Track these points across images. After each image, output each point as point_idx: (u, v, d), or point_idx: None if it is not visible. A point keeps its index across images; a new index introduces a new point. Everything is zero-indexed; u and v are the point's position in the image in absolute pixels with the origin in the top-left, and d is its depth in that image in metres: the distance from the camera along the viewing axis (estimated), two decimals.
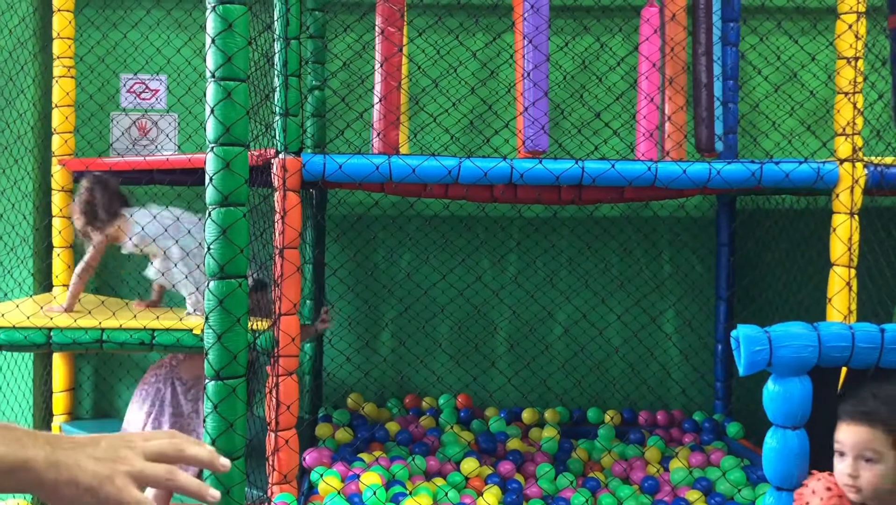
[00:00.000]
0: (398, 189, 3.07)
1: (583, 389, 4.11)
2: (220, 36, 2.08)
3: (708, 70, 3.10)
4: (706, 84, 3.09)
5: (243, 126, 2.10)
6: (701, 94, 3.12)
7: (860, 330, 2.12)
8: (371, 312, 4.11)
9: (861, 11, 2.82)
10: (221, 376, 2.07)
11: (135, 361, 4.09)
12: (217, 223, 2.08)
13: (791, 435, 2.09)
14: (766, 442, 2.13)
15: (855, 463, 1.93)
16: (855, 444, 1.93)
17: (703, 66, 3.11)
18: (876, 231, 3.26)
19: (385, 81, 3.14)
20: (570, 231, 4.12)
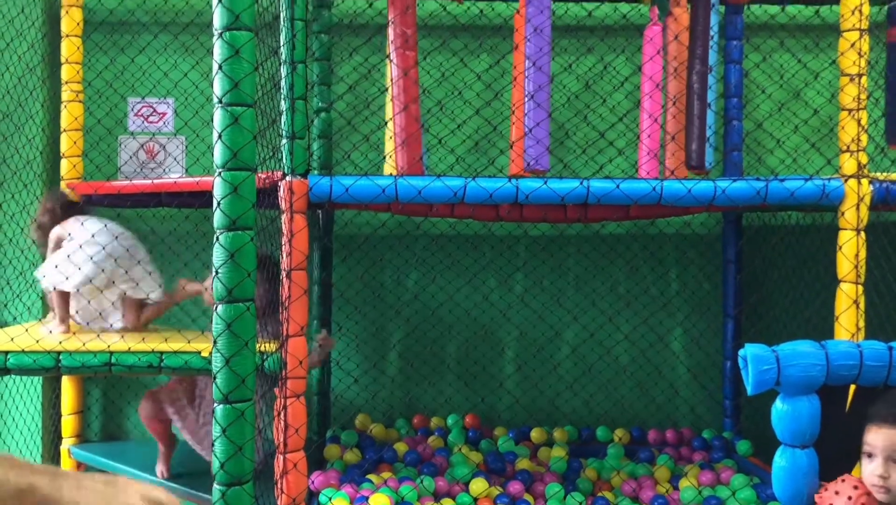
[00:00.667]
0: (404, 209, 3.09)
1: (591, 409, 4.10)
2: (227, 62, 2.10)
3: (701, 89, 3.11)
4: (699, 102, 3.11)
5: (250, 151, 2.12)
6: (693, 112, 3.13)
7: (868, 348, 2.13)
8: (378, 332, 4.12)
9: (864, 28, 2.83)
10: (230, 400, 2.08)
11: (143, 383, 4.10)
12: (225, 247, 2.09)
13: (800, 454, 2.09)
14: (776, 461, 2.13)
15: (886, 464, 1.98)
16: (886, 446, 2.00)
17: (697, 85, 3.12)
18: (883, 247, 3.26)
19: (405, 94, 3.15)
20: (576, 250, 4.12)
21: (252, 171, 2.13)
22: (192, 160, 4.06)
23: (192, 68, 4.05)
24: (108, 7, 4.02)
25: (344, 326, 4.06)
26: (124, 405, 4.14)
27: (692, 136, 3.19)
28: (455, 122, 3.86)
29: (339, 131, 3.93)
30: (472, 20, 4.03)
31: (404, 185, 2.77)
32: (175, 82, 4.05)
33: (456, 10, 4.04)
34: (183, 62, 4.06)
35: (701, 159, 3.18)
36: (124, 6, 4.02)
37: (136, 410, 4.10)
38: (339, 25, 4.02)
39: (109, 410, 4.15)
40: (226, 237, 2.10)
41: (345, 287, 4.06)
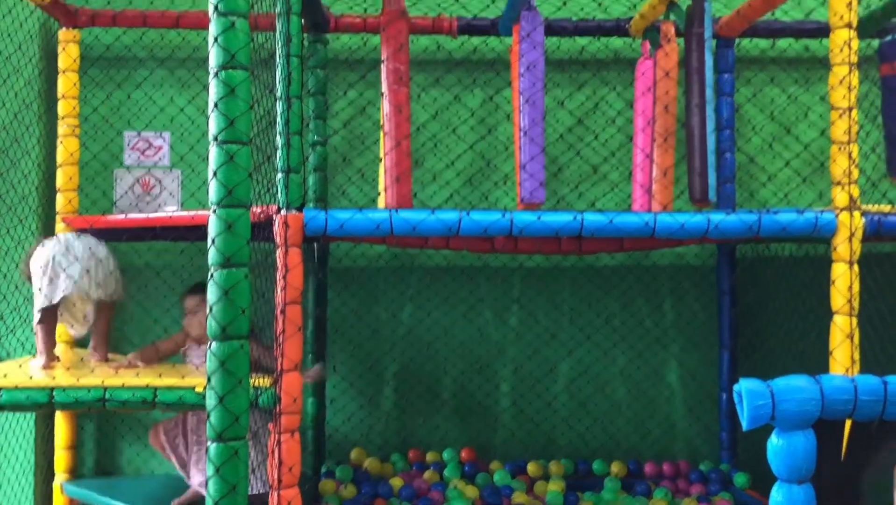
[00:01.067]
0: (399, 242, 3.10)
1: (587, 442, 4.08)
2: (223, 100, 2.11)
3: (700, 122, 3.13)
4: (699, 136, 3.13)
5: (245, 188, 2.13)
6: (694, 145, 3.15)
7: (863, 382, 2.12)
8: (373, 367, 4.10)
9: (853, 62, 2.86)
10: (224, 438, 2.07)
11: (137, 418, 4.08)
12: (219, 284, 2.09)
13: (797, 490, 2.08)
14: (772, 497, 2.12)
15: None
16: None
17: (696, 119, 3.14)
18: (876, 278, 3.27)
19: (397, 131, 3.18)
20: (571, 282, 4.13)
21: (247, 209, 2.13)
22: (187, 194, 4.07)
23: (189, 103, 4.07)
24: (105, 43, 4.05)
25: (339, 360, 4.05)
26: (118, 440, 4.11)
27: (694, 171, 3.20)
28: (450, 155, 3.89)
29: (335, 166, 3.95)
30: (466, 55, 4.07)
31: (399, 219, 2.78)
32: (171, 116, 4.07)
33: (450, 46, 4.08)
34: (179, 97, 4.08)
35: (704, 192, 3.19)
36: (121, 42, 4.05)
37: (130, 444, 4.08)
38: (335, 60, 4.06)
39: (104, 444, 4.12)
40: (220, 274, 2.10)
41: (339, 321, 4.05)
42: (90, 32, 4.00)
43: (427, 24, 3.88)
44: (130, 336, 4.04)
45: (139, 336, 4.04)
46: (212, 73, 2.12)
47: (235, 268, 2.11)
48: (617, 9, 3.82)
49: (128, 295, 3.44)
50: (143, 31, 4.03)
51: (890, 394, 2.12)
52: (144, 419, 4.08)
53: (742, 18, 3.64)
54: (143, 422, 4.09)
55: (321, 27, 3.83)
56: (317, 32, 3.87)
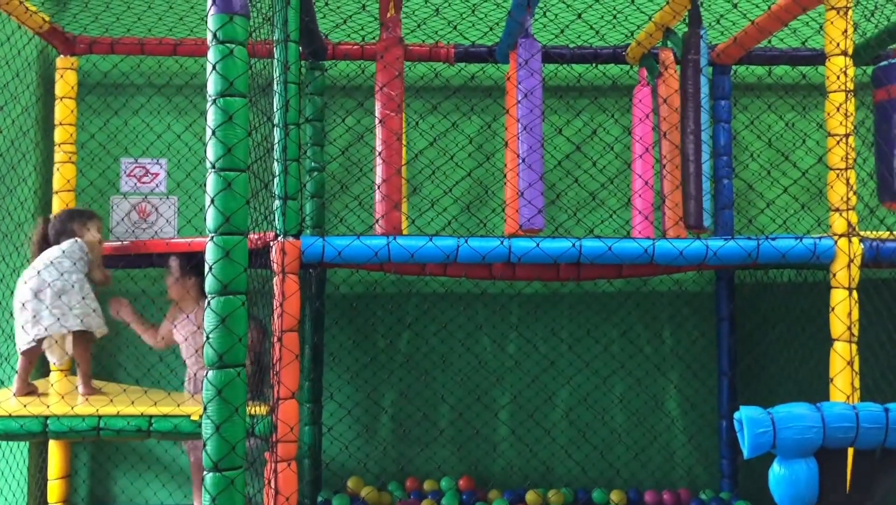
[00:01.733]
0: (397, 269, 3.09)
1: (586, 471, 4.05)
2: (221, 127, 2.11)
3: (696, 149, 3.14)
4: (694, 162, 3.13)
5: (243, 215, 2.12)
6: (689, 172, 3.15)
7: (864, 410, 2.11)
8: (371, 395, 4.07)
9: (850, 89, 2.87)
10: (220, 468, 2.04)
11: (132, 446, 4.04)
12: (216, 312, 2.08)
13: None
14: None
15: None
16: None
17: (692, 145, 3.15)
18: (875, 304, 3.26)
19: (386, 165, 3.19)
20: (569, 308, 4.11)
21: (244, 236, 2.12)
22: (183, 221, 4.06)
23: (186, 129, 4.08)
24: (103, 70, 4.06)
25: (336, 387, 4.02)
26: (112, 469, 4.07)
27: (689, 196, 3.20)
28: (447, 182, 3.89)
29: (333, 192, 3.94)
30: (463, 82, 4.08)
31: (396, 246, 2.77)
32: (168, 143, 4.07)
33: (447, 73, 4.10)
34: (176, 123, 4.09)
35: (699, 219, 3.19)
36: (118, 69, 4.06)
37: (124, 473, 4.04)
38: (333, 87, 4.07)
39: (98, 473, 4.07)
40: (217, 302, 2.09)
41: (336, 348, 4.03)
42: (88, 60, 4.02)
43: (424, 51, 3.90)
44: (125, 363, 4.01)
45: (134, 363, 4.02)
46: (210, 101, 2.12)
47: (233, 295, 2.09)
48: (614, 36, 3.84)
49: (113, 327, 3.36)
50: (140, 59, 4.04)
51: (892, 421, 2.10)
52: (139, 448, 4.05)
53: (738, 46, 3.66)
54: (137, 451, 4.05)
55: (319, 54, 3.85)
56: (315, 59, 3.89)
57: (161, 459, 4.06)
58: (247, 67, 2.15)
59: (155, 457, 4.06)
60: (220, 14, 2.13)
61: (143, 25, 3.91)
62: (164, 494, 4.03)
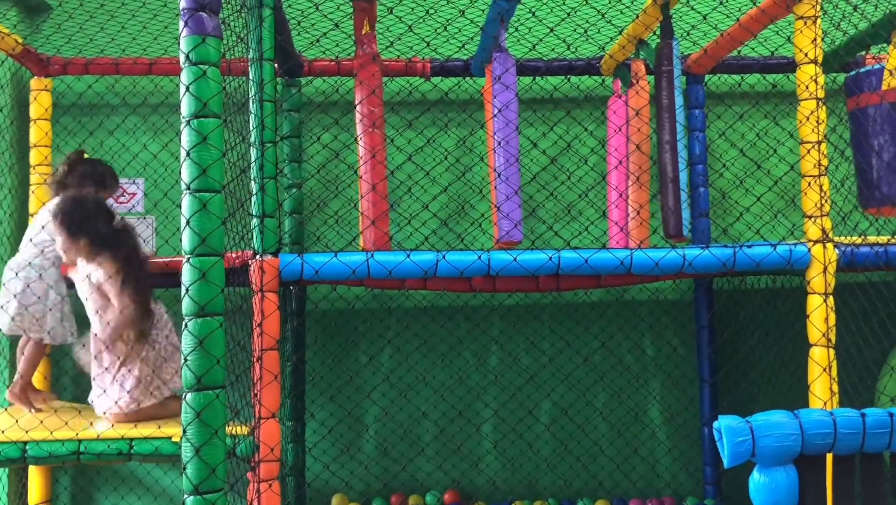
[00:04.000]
0: (377, 283, 3.09)
1: (570, 483, 4.05)
2: (195, 149, 2.11)
3: (672, 159, 3.16)
4: (671, 172, 3.16)
5: (219, 236, 2.12)
6: (667, 183, 3.18)
7: (841, 416, 2.13)
8: (352, 412, 4.06)
9: (820, 97, 2.90)
10: (200, 491, 2.03)
11: (114, 469, 4.00)
12: (194, 334, 2.07)
13: None
14: None
15: None
16: None
17: (668, 156, 3.17)
18: (851, 309, 3.29)
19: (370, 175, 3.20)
20: (550, 320, 4.12)
21: (221, 257, 2.12)
22: (161, 241, 4.04)
23: (163, 149, 4.06)
24: (77, 91, 4.04)
25: (318, 405, 4.01)
26: (94, 492, 4.03)
27: (668, 206, 3.22)
28: (425, 197, 3.90)
29: (311, 210, 3.94)
30: (439, 97, 4.09)
31: (375, 262, 2.77)
32: (145, 163, 4.06)
33: (423, 88, 4.11)
34: (153, 143, 4.07)
35: (678, 227, 3.21)
36: (93, 90, 4.05)
37: (106, 496, 4.00)
38: (310, 104, 4.07)
39: (79, 497, 4.03)
40: (195, 323, 2.08)
41: (318, 365, 4.02)
42: (62, 81, 4.00)
43: (400, 66, 3.91)
44: None
45: None
46: (184, 122, 2.12)
47: (210, 317, 2.09)
48: (587, 49, 3.87)
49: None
50: (115, 79, 4.03)
51: (869, 427, 2.12)
52: (121, 470, 4.01)
53: (710, 56, 3.70)
54: (119, 473, 4.01)
55: (295, 71, 3.85)
56: (291, 77, 3.89)
57: (143, 480, 4.03)
58: (220, 88, 2.15)
59: (137, 479, 4.03)
60: (192, 35, 2.13)
61: (117, 46, 3.90)
62: None
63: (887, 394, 3.30)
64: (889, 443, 2.12)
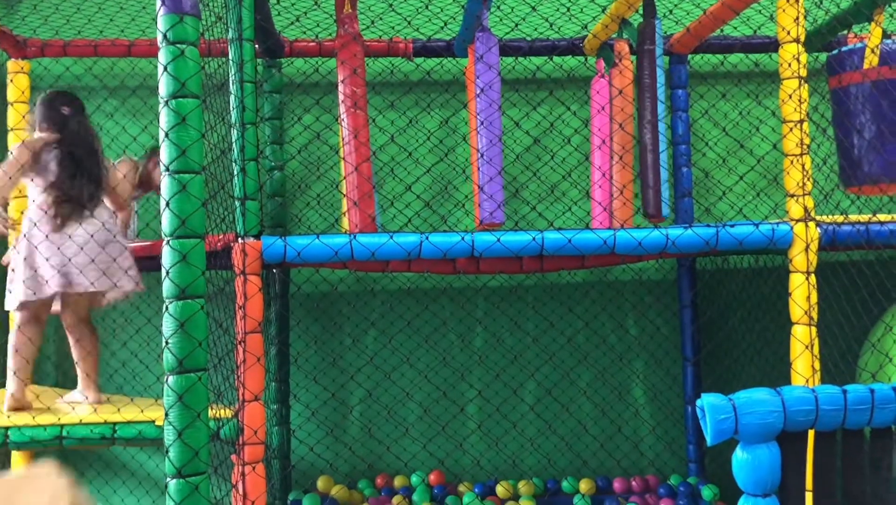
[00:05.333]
0: (361, 266, 3.08)
1: (554, 463, 4.07)
2: (174, 129, 2.08)
3: (653, 138, 3.16)
4: (652, 152, 3.15)
5: (199, 218, 2.10)
6: (647, 163, 3.18)
7: (823, 393, 2.14)
8: (337, 394, 4.06)
9: (803, 76, 2.91)
10: (183, 474, 2.02)
11: (97, 454, 3.98)
12: (175, 317, 2.05)
13: (762, 504, 2.08)
14: None
15: None
16: None
17: (649, 136, 3.17)
18: (833, 288, 3.31)
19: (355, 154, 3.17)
20: (534, 300, 4.13)
21: (201, 239, 2.10)
22: (142, 224, 4.00)
23: (142, 131, 4.02)
24: (55, 73, 3.99)
25: (302, 387, 4.00)
26: (78, 477, 4.01)
27: (648, 186, 3.23)
28: (409, 178, 3.88)
29: (293, 191, 3.91)
30: (422, 77, 4.07)
31: (358, 244, 2.76)
32: (124, 146, 4.01)
33: (406, 68, 4.08)
34: (132, 126, 4.03)
35: (658, 208, 3.22)
36: (71, 72, 3.99)
37: (91, 481, 3.98)
38: (291, 85, 4.03)
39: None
40: (175, 306, 2.06)
41: (302, 347, 4.01)
42: (39, 63, 3.94)
43: (383, 46, 3.88)
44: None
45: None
46: (162, 103, 2.09)
47: (191, 299, 2.07)
48: (570, 28, 3.86)
49: None
50: (93, 61, 3.98)
51: (850, 403, 2.14)
52: (105, 455, 3.99)
53: (693, 35, 3.69)
54: (103, 458, 4.00)
55: (275, 52, 3.81)
56: (272, 57, 3.85)
57: (128, 465, 4.01)
58: (199, 68, 2.13)
59: (121, 463, 4.01)
60: (169, 14, 2.10)
61: (95, 27, 3.84)
62: (132, 500, 3.99)
63: (868, 370, 3.33)
64: (870, 419, 2.14)
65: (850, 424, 2.15)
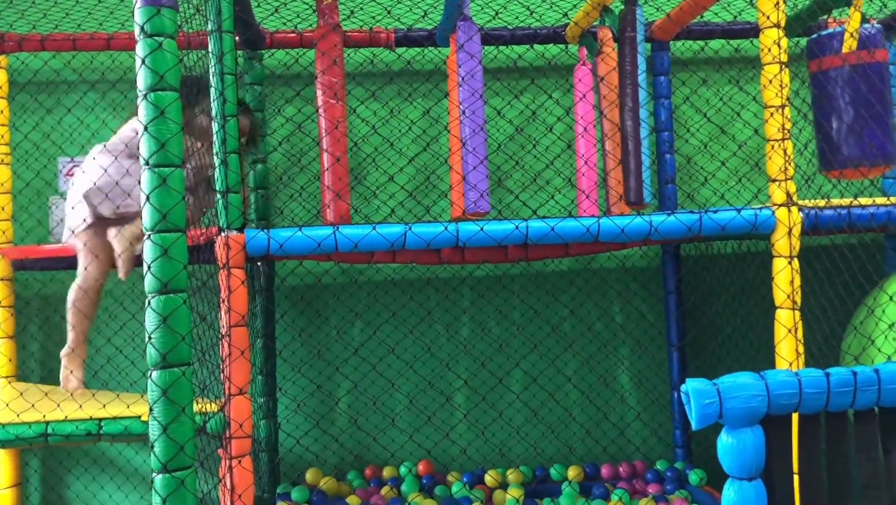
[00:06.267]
0: (345, 258, 3.07)
1: (542, 451, 4.09)
2: (153, 123, 2.07)
3: (634, 126, 3.17)
4: (633, 139, 3.16)
5: (180, 211, 2.08)
6: (629, 149, 3.18)
7: (806, 376, 2.15)
8: (323, 386, 4.05)
9: (784, 61, 2.91)
10: (168, 469, 2.01)
11: (84, 450, 3.97)
12: (157, 311, 2.04)
13: (748, 487, 2.10)
14: (724, 495, 2.14)
15: None
16: None
17: (630, 123, 3.18)
18: (816, 271, 3.33)
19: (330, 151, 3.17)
20: (520, 289, 4.13)
21: (183, 232, 2.09)
22: None
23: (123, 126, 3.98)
24: (33, 67, 3.95)
25: (289, 380, 3.99)
26: (65, 474, 4.00)
27: (629, 173, 3.23)
28: (392, 169, 3.87)
29: (276, 184, 3.89)
30: (403, 67, 4.06)
31: (341, 236, 2.75)
32: (105, 140, 3.96)
33: (388, 58, 4.07)
34: (112, 120, 4.00)
35: (639, 195, 3.23)
36: (50, 66, 3.96)
37: (77, 477, 3.97)
38: (272, 76, 4.01)
39: (49, 480, 4.00)
40: (158, 301, 2.05)
41: (288, 340, 4.00)
42: (17, 57, 3.90)
43: (364, 36, 3.86)
44: None
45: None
46: (140, 96, 2.07)
47: (173, 294, 2.06)
48: (551, 16, 3.85)
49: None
50: (72, 55, 3.94)
51: (833, 385, 2.15)
52: (91, 451, 3.98)
53: (674, 22, 3.69)
54: (90, 454, 3.98)
55: (256, 44, 3.79)
56: (252, 49, 3.83)
57: (115, 461, 4.00)
58: (177, 60, 2.11)
59: (108, 459, 4.00)
60: (146, 7, 2.08)
61: (73, 21, 3.81)
62: (120, 496, 3.98)
63: (851, 353, 3.35)
64: (853, 401, 2.15)
65: (833, 407, 2.17)
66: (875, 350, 3.20)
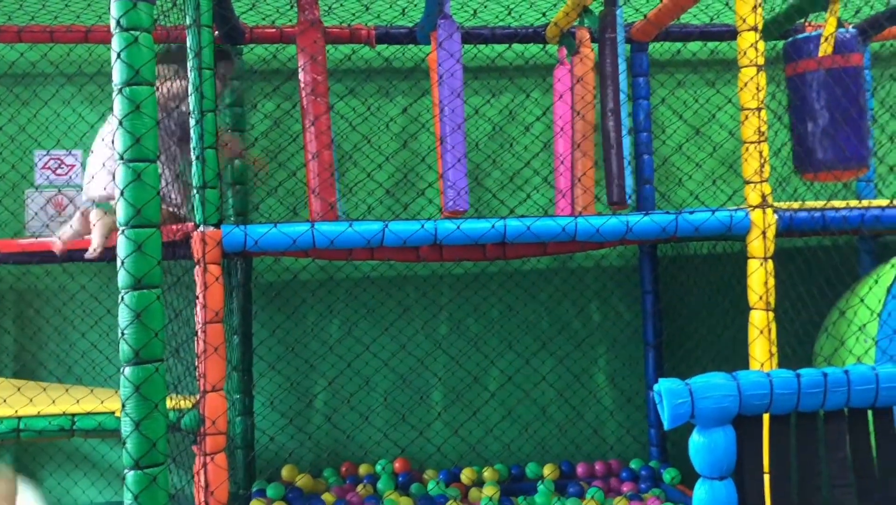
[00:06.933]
0: (323, 254, 3.07)
1: (518, 449, 4.10)
2: (128, 117, 2.05)
3: (616, 127, 3.18)
4: (615, 140, 3.17)
5: (154, 207, 2.07)
6: (611, 151, 3.19)
7: (777, 377, 2.17)
8: (300, 383, 4.04)
9: (760, 64, 2.94)
10: (140, 466, 2.01)
11: (57, 446, 3.94)
12: (130, 307, 2.03)
13: (719, 486, 2.11)
14: (695, 494, 2.15)
15: None
16: None
17: (612, 124, 3.19)
18: (790, 273, 3.36)
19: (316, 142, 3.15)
20: (498, 287, 4.14)
21: (157, 228, 2.08)
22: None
23: (100, 119, 3.94)
24: (9, 60, 3.91)
25: (266, 377, 3.98)
26: (38, 470, 3.96)
27: (611, 174, 3.24)
28: (371, 166, 3.87)
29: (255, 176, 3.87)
30: (384, 64, 4.05)
31: (318, 233, 2.74)
32: (82, 133, 3.95)
33: (368, 55, 4.06)
34: (89, 113, 3.96)
35: (621, 195, 3.24)
36: (26, 58, 3.92)
37: (51, 473, 3.93)
38: (250, 72, 3.99)
39: (23, 475, 3.96)
40: (131, 296, 2.04)
41: (264, 336, 3.98)
42: None
43: (344, 33, 3.85)
44: (46, 362, 3.90)
45: (56, 361, 3.91)
46: (116, 90, 2.06)
47: (147, 289, 2.05)
48: (530, 16, 3.86)
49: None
50: (49, 47, 3.90)
51: (804, 386, 2.17)
52: (65, 447, 3.95)
53: (652, 23, 3.71)
54: (63, 450, 3.95)
55: (235, 38, 3.77)
56: (231, 44, 3.81)
57: (89, 456, 3.97)
58: (153, 55, 2.09)
59: (82, 455, 3.97)
60: (122, 0, 2.06)
61: (49, 13, 3.77)
62: (94, 492, 3.95)
63: (823, 355, 3.39)
64: (823, 402, 2.18)
65: (803, 407, 2.19)
66: (846, 352, 3.24)
